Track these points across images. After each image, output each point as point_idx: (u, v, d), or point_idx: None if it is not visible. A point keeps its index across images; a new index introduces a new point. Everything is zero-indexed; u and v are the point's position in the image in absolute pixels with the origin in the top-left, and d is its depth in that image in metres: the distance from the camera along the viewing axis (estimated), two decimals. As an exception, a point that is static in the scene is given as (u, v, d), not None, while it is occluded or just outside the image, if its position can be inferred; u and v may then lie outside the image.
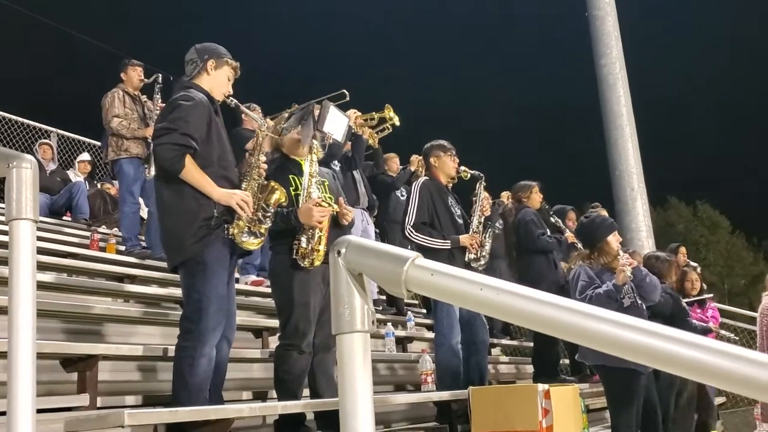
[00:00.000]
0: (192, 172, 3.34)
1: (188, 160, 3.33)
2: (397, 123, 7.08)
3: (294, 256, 3.82)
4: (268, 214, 3.61)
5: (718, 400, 8.15)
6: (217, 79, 3.64)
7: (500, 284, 1.08)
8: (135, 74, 6.63)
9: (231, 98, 3.73)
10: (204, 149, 3.41)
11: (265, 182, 3.66)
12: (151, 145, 5.06)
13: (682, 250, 7.01)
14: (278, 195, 3.65)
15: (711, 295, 6.40)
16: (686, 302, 5.94)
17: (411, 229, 5.00)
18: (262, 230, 3.59)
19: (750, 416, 7.52)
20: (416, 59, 63.62)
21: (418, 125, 7.53)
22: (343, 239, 1.21)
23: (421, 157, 7.42)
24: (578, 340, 1.06)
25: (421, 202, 5.07)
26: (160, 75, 6.50)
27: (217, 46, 3.72)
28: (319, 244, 3.80)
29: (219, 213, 3.41)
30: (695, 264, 7.02)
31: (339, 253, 1.19)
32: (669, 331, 0.95)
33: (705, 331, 5.99)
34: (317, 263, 3.79)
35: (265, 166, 3.71)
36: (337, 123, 4.39)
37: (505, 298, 1.06)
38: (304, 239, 3.82)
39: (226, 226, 3.43)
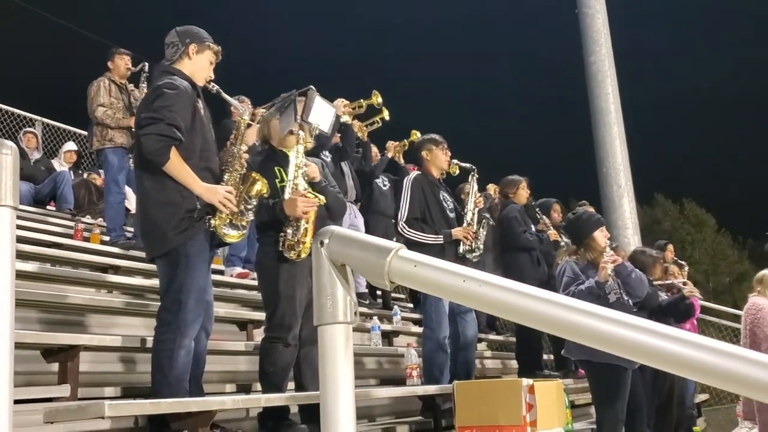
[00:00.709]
0: (176, 165, 3.29)
1: (173, 152, 3.27)
2: (387, 117, 7.09)
3: (280, 249, 3.80)
4: (250, 206, 3.57)
5: (701, 397, 8.23)
6: (199, 64, 3.56)
7: (483, 276, 1.07)
8: (122, 63, 6.56)
9: (212, 83, 3.66)
10: (187, 139, 3.35)
11: (246, 173, 3.60)
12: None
13: (670, 247, 7.06)
14: (260, 186, 3.59)
15: (685, 280, 6.45)
16: (659, 284, 5.95)
17: (404, 225, 5.00)
18: (244, 223, 3.55)
19: (732, 413, 7.58)
20: (404, 54, 63.59)
21: (405, 120, 7.49)
22: (326, 229, 1.19)
23: (397, 143, 7.43)
24: (561, 333, 1.05)
25: (413, 197, 5.06)
26: (147, 64, 6.42)
27: (198, 29, 3.64)
28: (305, 235, 3.78)
29: (202, 205, 3.37)
30: (683, 262, 7.05)
31: (322, 243, 1.17)
32: (651, 326, 0.94)
33: (669, 289, 6.01)
34: (304, 255, 3.77)
35: (247, 156, 3.67)
36: (322, 113, 4.36)
37: (487, 290, 1.05)
38: (290, 231, 3.80)
39: (208, 218, 3.39)
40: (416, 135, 6.96)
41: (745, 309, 6.12)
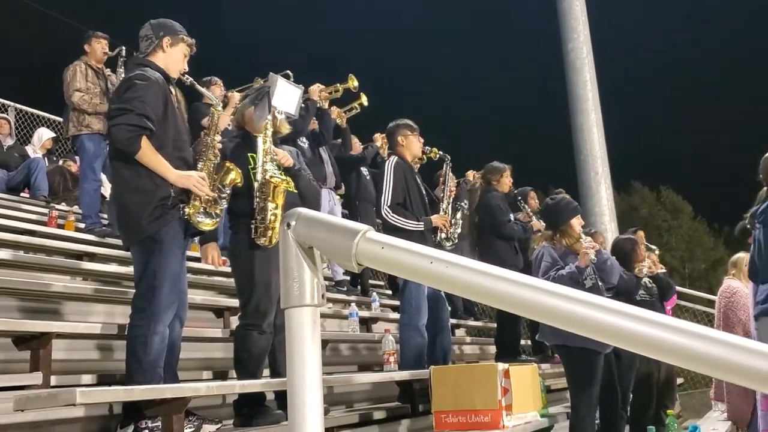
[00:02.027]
0: (147, 154, 3.33)
1: (144, 142, 3.31)
2: (366, 104, 7.07)
3: (253, 236, 3.80)
4: (224, 195, 3.61)
5: (676, 381, 8.34)
6: (173, 57, 3.61)
7: (450, 258, 1.07)
8: (99, 47, 6.46)
9: (186, 76, 3.70)
10: (159, 130, 3.38)
11: (221, 162, 3.63)
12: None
13: (640, 233, 7.15)
14: (233, 175, 3.63)
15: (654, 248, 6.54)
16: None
17: (388, 209, 4.97)
18: (218, 211, 3.59)
19: (706, 397, 7.70)
20: (382, 43, 63.35)
21: (380, 108, 7.46)
22: (293, 212, 1.18)
23: (385, 135, 7.42)
24: (530, 315, 1.05)
25: (396, 182, 5.04)
26: (124, 48, 6.31)
27: (173, 22, 3.67)
28: (275, 221, 3.77)
29: (176, 193, 3.40)
30: (654, 247, 7.13)
31: (289, 225, 1.16)
32: (625, 308, 0.94)
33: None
34: (275, 241, 3.76)
35: (220, 145, 3.68)
36: (287, 96, 4.34)
37: (455, 272, 1.05)
38: (259, 218, 3.80)
39: (182, 206, 3.42)
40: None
41: (720, 292, 6.17)
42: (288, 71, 6.00)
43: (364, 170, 7.57)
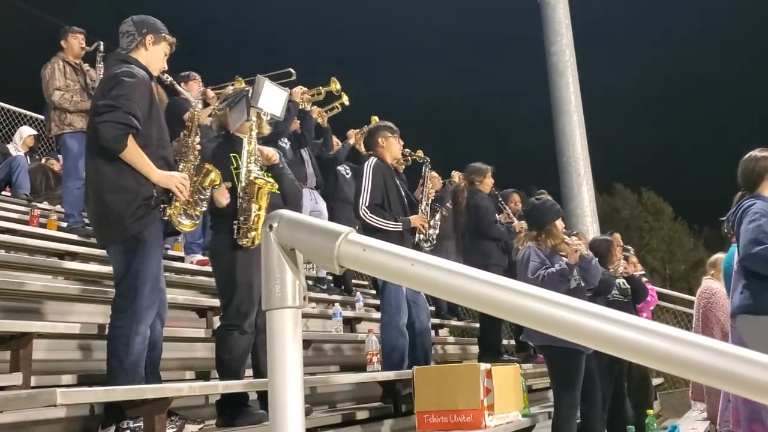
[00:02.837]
0: (133, 153, 3.30)
1: (130, 140, 3.28)
2: (347, 103, 7.08)
3: (235, 236, 3.80)
4: (204, 197, 3.60)
5: (656, 381, 8.42)
6: (154, 55, 3.59)
7: (432, 260, 1.07)
8: (76, 42, 6.36)
9: (166, 75, 3.70)
10: (144, 128, 3.36)
11: (200, 164, 3.62)
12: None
13: (616, 236, 7.27)
14: (213, 176, 3.62)
15: (630, 248, 6.59)
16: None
17: (366, 210, 4.98)
18: (198, 212, 3.58)
19: (686, 396, 7.77)
20: (363, 45, 63.35)
21: (363, 108, 7.46)
22: (275, 213, 1.18)
23: (357, 130, 7.43)
24: (510, 317, 1.06)
25: (375, 183, 5.05)
26: (102, 43, 6.22)
27: (155, 20, 3.65)
28: (258, 222, 3.77)
29: (158, 193, 3.38)
30: (629, 247, 7.21)
31: (271, 227, 1.16)
32: (605, 312, 0.95)
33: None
34: (257, 242, 3.76)
35: (199, 147, 3.66)
36: (273, 98, 4.33)
37: (436, 274, 1.06)
38: (242, 218, 3.80)
39: (163, 207, 3.41)
40: (376, 120, 6.96)
41: (699, 293, 6.23)
42: (291, 69, 6.00)
43: (341, 169, 7.53)
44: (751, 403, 3.91)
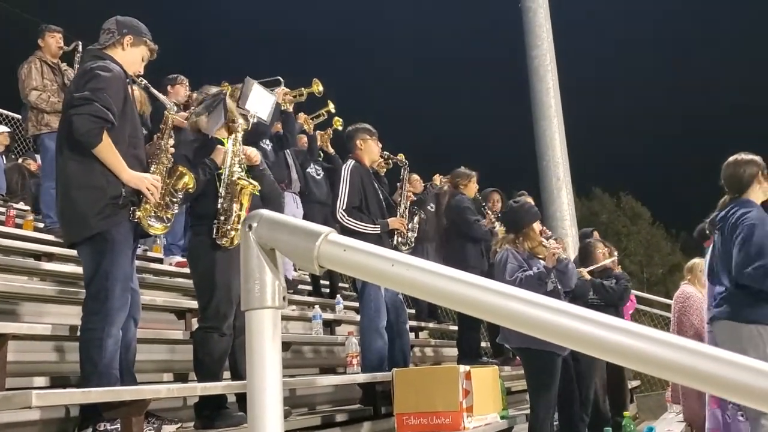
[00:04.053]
0: (107, 149, 3.26)
1: (105, 136, 3.24)
2: (333, 111, 7.08)
3: (214, 236, 3.78)
4: (176, 200, 3.57)
5: (633, 384, 8.50)
6: (131, 56, 3.57)
7: (412, 261, 1.08)
8: (53, 41, 6.30)
9: (141, 78, 3.67)
10: (118, 125, 3.32)
11: (174, 166, 3.59)
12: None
13: (596, 234, 7.36)
14: (186, 179, 3.60)
15: (615, 257, 6.66)
16: (592, 269, 6.12)
17: (343, 213, 4.98)
18: (169, 215, 3.55)
19: (662, 399, 7.85)
20: (349, 46, 63.36)
21: (342, 112, 7.43)
22: (255, 213, 1.18)
23: (323, 132, 7.42)
24: (488, 317, 1.06)
25: (352, 185, 5.05)
26: (80, 43, 6.14)
27: (139, 23, 3.64)
28: (237, 223, 3.76)
29: (127, 193, 3.34)
30: (607, 243, 7.28)
31: (250, 227, 1.16)
32: (585, 313, 0.96)
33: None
34: (236, 242, 3.74)
35: (173, 150, 3.63)
36: (261, 101, 4.32)
37: (415, 274, 1.06)
38: (222, 218, 3.79)
39: (133, 208, 3.37)
40: (339, 122, 6.95)
41: (675, 296, 6.32)
42: (279, 77, 6.00)
43: (311, 170, 7.48)
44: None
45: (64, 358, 4.03)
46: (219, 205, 3.84)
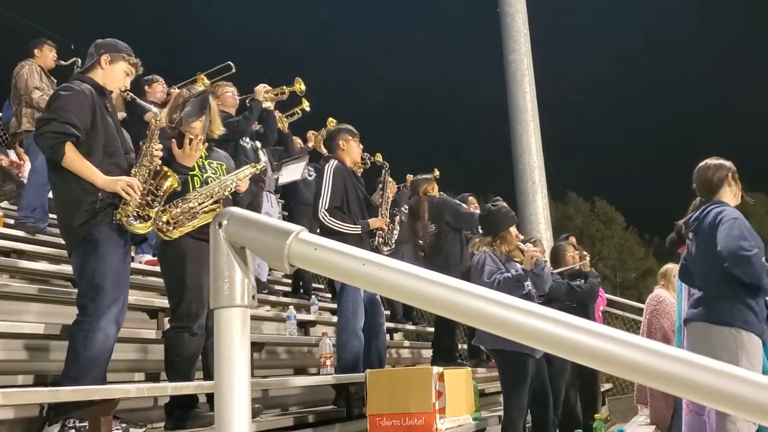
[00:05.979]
0: (74, 160, 3.39)
1: (69, 148, 3.38)
2: (307, 109, 7.07)
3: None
4: (158, 198, 3.63)
5: (605, 387, 8.57)
6: (111, 74, 3.72)
7: (383, 260, 1.07)
8: (51, 55, 6.65)
9: (127, 92, 3.91)
10: (89, 137, 3.46)
11: (159, 168, 3.65)
12: None
13: (572, 239, 7.42)
14: (171, 181, 3.65)
15: (587, 260, 6.70)
16: (562, 271, 6.17)
17: (325, 213, 4.96)
18: (151, 214, 3.59)
19: (634, 402, 7.92)
20: (323, 47, 63.29)
21: (319, 112, 7.44)
22: (225, 211, 1.16)
23: (317, 133, 7.42)
24: (461, 318, 1.06)
25: (335, 186, 5.04)
26: (79, 60, 6.33)
27: (117, 42, 3.79)
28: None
29: (104, 197, 3.45)
30: (586, 253, 7.34)
31: (220, 225, 1.15)
32: (557, 315, 0.96)
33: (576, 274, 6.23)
34: (175, 235, 3.77)
35: (160, 153, 3.66)
36: (292, 171, 4.33)
37: (386, 274, 1.06)
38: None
39: (114, 212, 3.46)
40: (332, 122, 6.95)
41: (648, 300, 6.40)
42: (230, 62, 6.02)
43: (304, 171, 7.49)
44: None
45: (38, 356, 3.97)
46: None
